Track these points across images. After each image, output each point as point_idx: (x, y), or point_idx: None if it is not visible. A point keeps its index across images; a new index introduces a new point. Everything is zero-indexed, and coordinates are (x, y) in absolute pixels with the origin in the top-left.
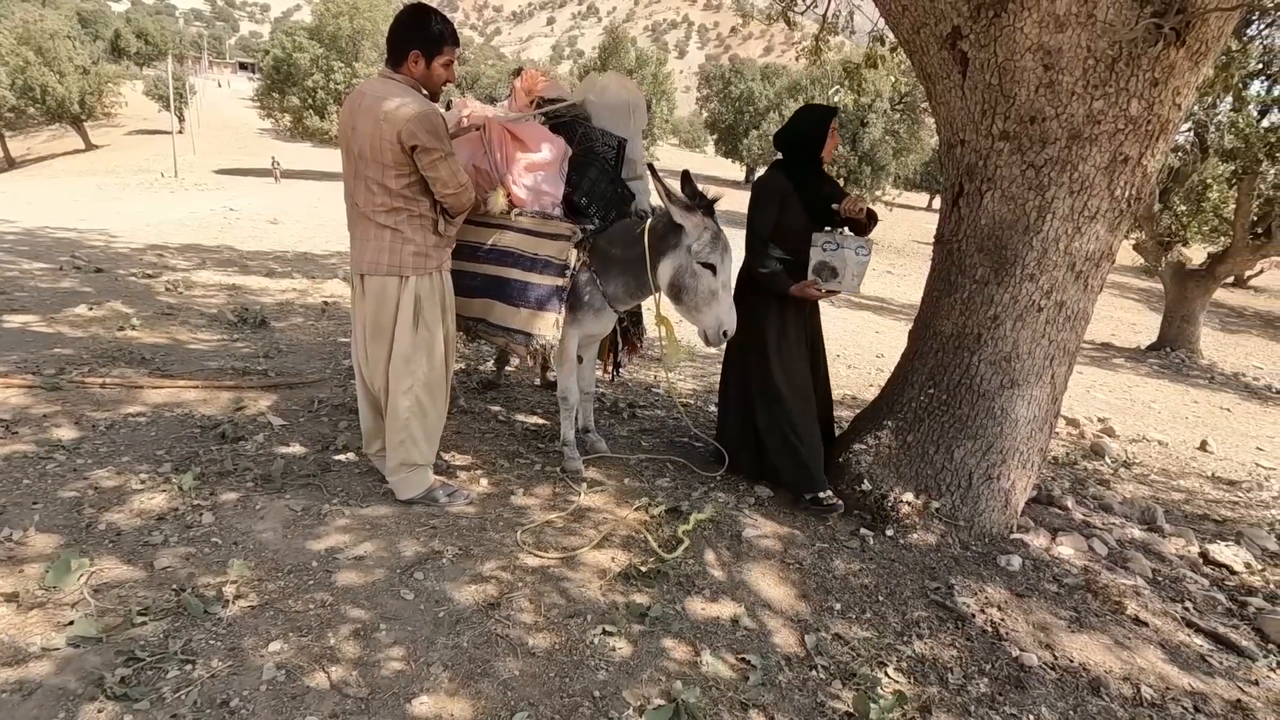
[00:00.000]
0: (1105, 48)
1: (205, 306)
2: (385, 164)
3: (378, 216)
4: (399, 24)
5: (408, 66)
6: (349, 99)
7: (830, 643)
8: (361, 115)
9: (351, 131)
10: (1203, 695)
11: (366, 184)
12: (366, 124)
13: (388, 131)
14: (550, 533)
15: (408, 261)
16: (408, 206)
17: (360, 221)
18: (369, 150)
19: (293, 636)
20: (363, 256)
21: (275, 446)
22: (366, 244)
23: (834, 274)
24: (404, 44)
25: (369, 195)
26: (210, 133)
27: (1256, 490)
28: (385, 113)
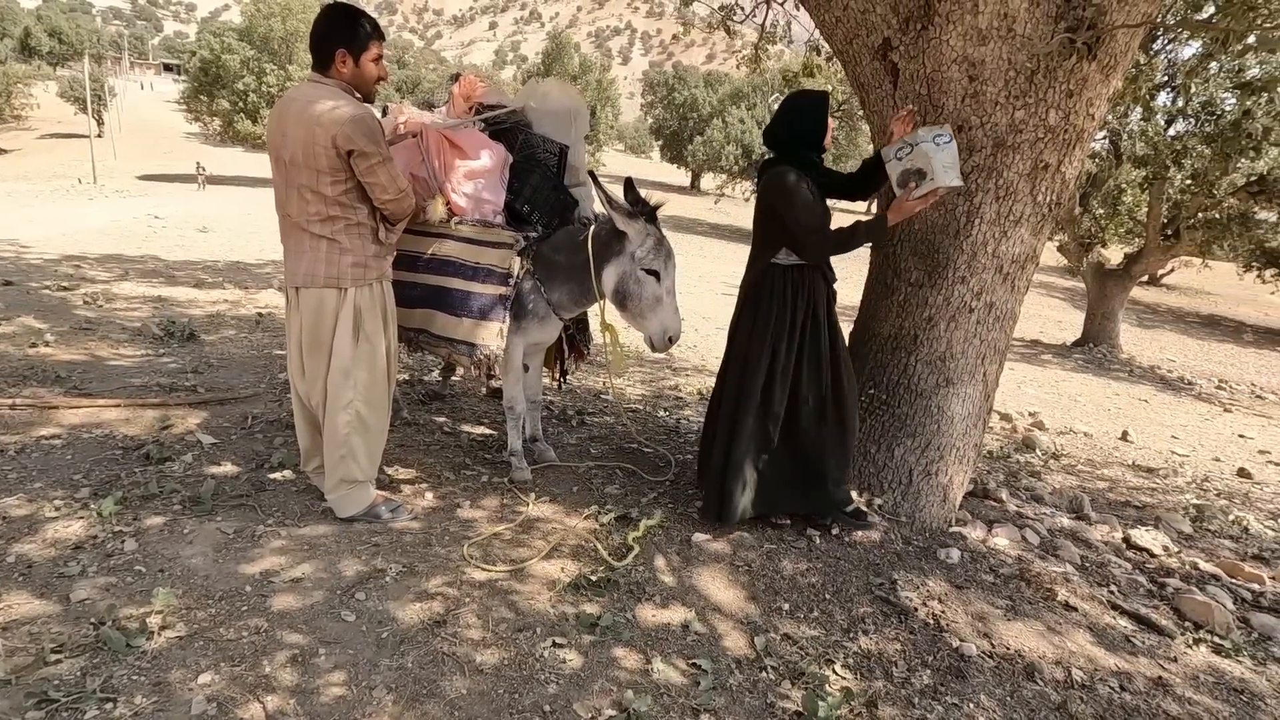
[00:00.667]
0: (1025, 61)
1: (128, 320)
2: (320, 170)
3: (313, 226)
4: (319, 26)
5: (335, 68)
6: (277, 106)
7: (779, 643)
8: (292, 122)
9: (282, 139)
10: (1127, 674)
11: (300, 192)
12: (298, 130)
13: (321, 136)
14: (498, 545)
15: (346, 272)
16: (344, 215)
17: (294, 232)
18: (302, 157)
19: (224, 666)
20: (298, 269)
21: (205, 466)
22: (301, 255)
23: (922, 176)
24: (328, 45)
25: (303, 204)
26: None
27: (1172, 476)
28: (318, 117)
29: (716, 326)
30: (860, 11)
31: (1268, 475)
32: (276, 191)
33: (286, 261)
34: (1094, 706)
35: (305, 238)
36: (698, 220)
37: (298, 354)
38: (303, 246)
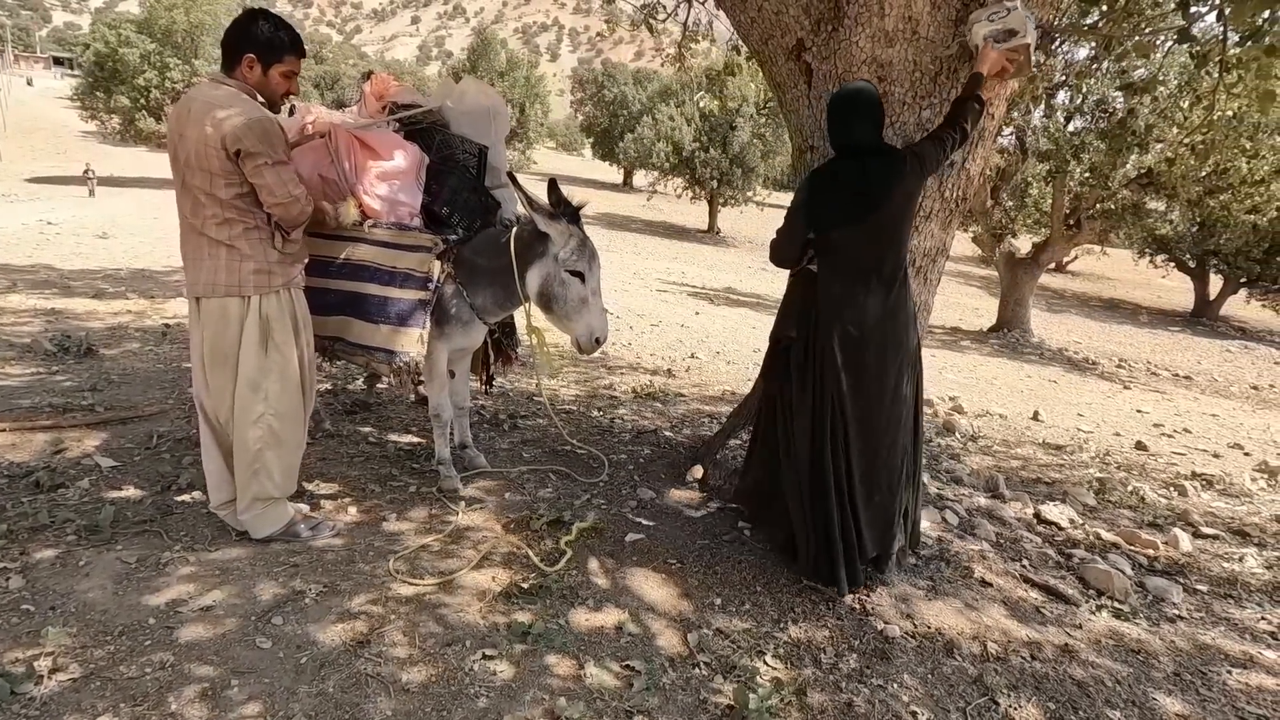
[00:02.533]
0: (928, 62)
1: (16, 335)
2: (212, 172)
3: (209, 230)
4: (235, 26)
5: (241, 71)
6: (176, 105)
7: (712, 638)
8: (190, 122)
9: (179, 139)
10: (1038, 644)
11: (195, 195)
12: (194, 130)
13: (213, 136)
14: (426, 558)
15: (248, 279)
16: (241, 219)
17: (192, 238)
18: (195, 158)
19: (124, 708)
20: (198, 277)
21: (104, 492)
22: (200, 263)
23: (1012, 34)
24: (238, 47)
25: (198, 207)
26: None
27: (1078, 452)
28: (213, 117)
29: (651, 323)
30: (774, 13)
31: (1161, 447)
32: (176, 195)
33: (186, 270)
34: (1007, 677)
35: (204, 243)
36: (631, 218)
37: (201, 369)
38: (201, 253)
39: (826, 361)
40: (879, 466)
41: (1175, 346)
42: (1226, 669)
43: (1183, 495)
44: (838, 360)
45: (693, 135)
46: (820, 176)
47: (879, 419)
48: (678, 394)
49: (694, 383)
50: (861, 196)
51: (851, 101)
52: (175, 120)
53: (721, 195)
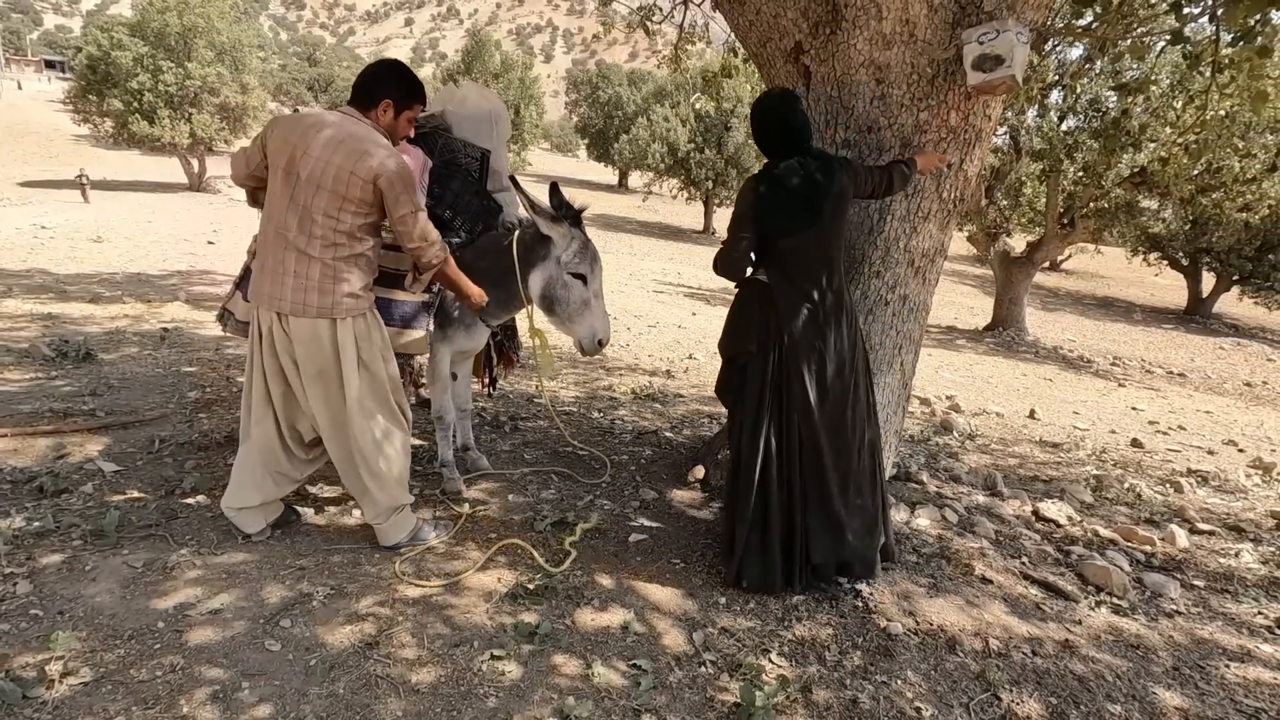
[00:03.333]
0: (926, 65)
1: (13, 340)
2: (347, 198)
3: (312, 249)
4: (379, 71)
5: (377, 113)
6: (297, 120)
7: (717, 637)
8: (322, 143)
9: (302, 155)
10: (1039, 640)
11: (308, 213)
12: (332, 154)
13: (363, 170)
14: (431, 559)
15: (341, 303)
16: (350, 245)
17: (284, 252)
18: (330, 181)
19: (136, 711)
20: (282, 292)
21: (108, 496)
22: (286, 278)
23: (999, 62)
24: (379, 90)
25: (306, 224)
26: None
27: (1074, 450)
28: (364, 150)
29: (648, 325)
30: (772, 16)
31: (1156, 444)
32: (273, 205)
33: (263, 281)
34: (1009, 673)
35: (298, 260)
36: (626, 218)
37: (280, 380)
38: (288, 267)
39: (792, 374)
40: (858, 469)
41: (1169, 344)
42: (1224, 663)
43: (1179, 492)
44: (804, 372)
45: (688, 136)
46: (763, 181)
47: (847, 424)
48: (677, 395)
49: (692, 383)
50: (808, 201)
51: (789, 104)
52: (296, 135)
53: (717, 196)
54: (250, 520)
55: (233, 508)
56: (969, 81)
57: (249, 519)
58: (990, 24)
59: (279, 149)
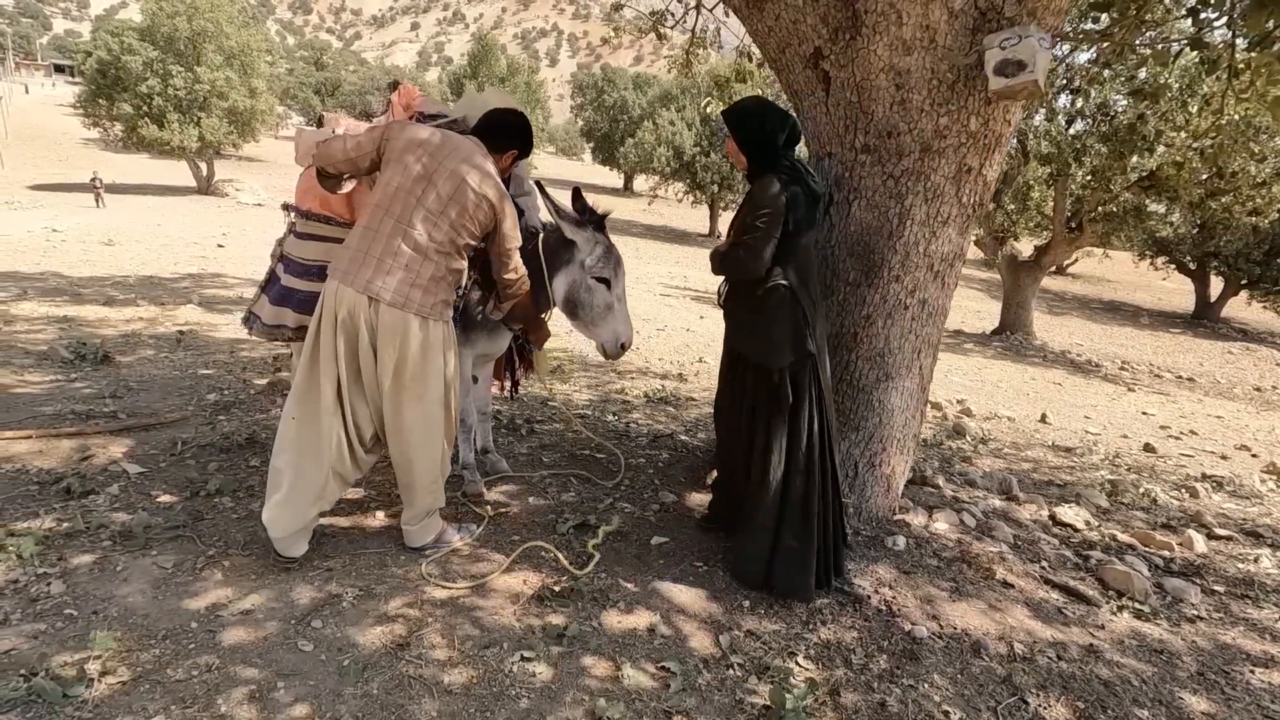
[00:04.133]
0: (946, 70)
1: (31, 343)
2: (470, 217)
3: (431, 250)
4: (514, 122)
5: (501, 159)
6: (440, 135)
7: (743, 640)
8: (462, 162)
9: (437, 165)
10: (1063, 644)
11: (435, 218)
12: (468, 174)
13: (490, 199)
14: (456, 561)
15: (436, 307)
16: (458, 258)
17: (398, 243)
18: (465, 199)
19: (175, 710)
20: (386, 281)
21: (134, 498)
22: (395, 269)
23: (1021, 67)
24: (510, 140)
25: (431, 228)
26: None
27: (1087, 454)
28: (494, 185)
29: (657, 328)
30: (791, 22)
31: (1169, 449)
32: (397, 197)
33: (362, 267)
34: (1035, 677)
35: (413, 257)
36: (632, 222)
37: (354, 371)
38: (401, 260)
39: (819, 379)
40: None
41: (1177, 348)
42: (1249, 668)
43: (1194, 497)
44: (820, 375)
45: (693, 139)
46: (784, 177)
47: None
48: (689, 398)
49: (704, 387)
50: (813, 197)
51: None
52: (437, 147)
53: (723, 199)
54: (298, 543)
55: (288, 530)
56: (990, 87)
57: (297, 542)
58: (1011, 29)
59: (412, 152)
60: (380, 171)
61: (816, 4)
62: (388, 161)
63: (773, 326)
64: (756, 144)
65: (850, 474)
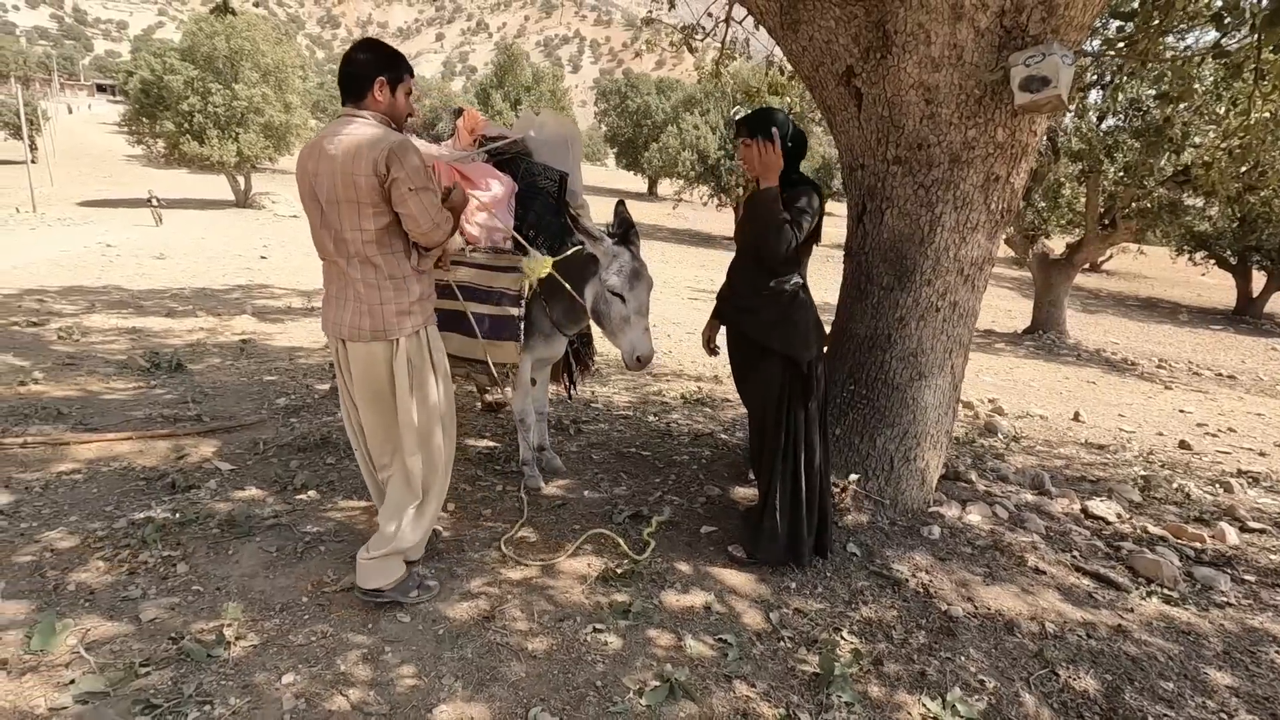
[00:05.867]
0: (974, 86)
1: (109, 353)
2: (361, 203)
3: (353, 269)
4: (359, 56)
5: (373, 97)
6: (308, 147)
7: (791, 616)
8: (326, 157)
9: (314, 178)
10: (1092, 624)
11: (339, 234)
12: (334, 164)
13: (363, 165)
14: (525, 547)
15: (392, 322)
16: (384, 254)
17: (337, 278)
18: (341, 191)
19: (302, 668)
20: (341, 318)
21: (231, 491)
22: (345, 304)
23: (1045, 83)
24: (367, 73)
25: (341, 245)
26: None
27: (1121, 451)
28: (359, 146)
29: (687, 331)
30: (824, 42)
31: (1205, 446)
32: (314, 235)
33: (327, 308)
34: (1065, 652)
35: (347, 284)
36: (657, 226)
37: (352, 409)
38: (345, 294)
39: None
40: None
41: (1217, 345)
42: (1276, 649)
43: (1229, 491)
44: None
45: (717, 143)
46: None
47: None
48: (725, 399)
49: None
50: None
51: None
52: (311, 160)
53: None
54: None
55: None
56: (1016, 101)
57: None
58: (1036, 47)
59: (301, 181)
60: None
61: (849, 25)
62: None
63: (802, 319)
64: (799, 152)
65: (886, 468)
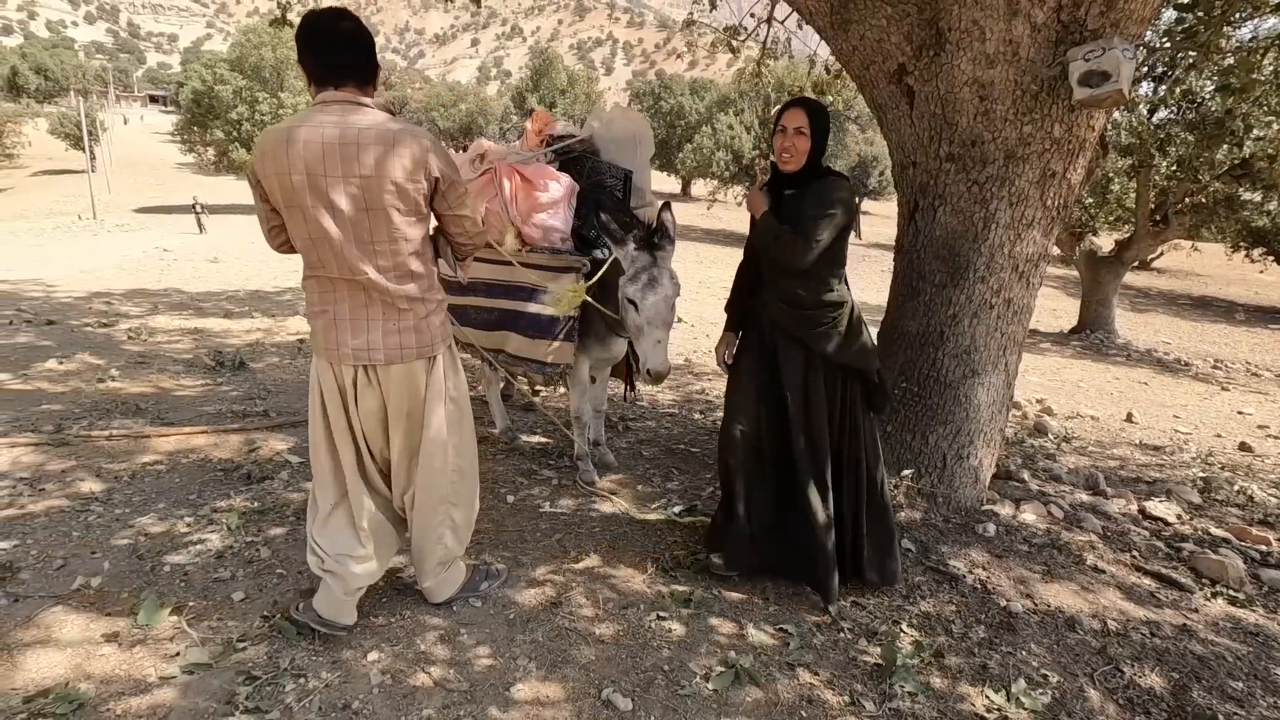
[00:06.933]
0: (1030, 82)
1: (176, 352)
2: (405, 209)
3: (392, 283)
4: (351, 26)
5: (376, 86)
6: (292, 142)
7: (850, 609)
8: (338, 158)
9: (322, 181)
10: (1156, 623)
11: (367, 245)
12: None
13: (401, 167)
14: (586, 538)
15: (437, 334)
16: (424, 263)
17: (350, 297)
18: (377, 196)
19: (386, 646)
20: (371, 343)
21: (301, 482)
22: (373, 324)
23: (1105, 78)
24: (372, 59)
25: (369, 258)
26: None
27: (1178, 453)
28: (394, 143)
29: None
30: (876, 40)
31: (1268, 448)
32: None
33: (333, 333)
34: (1129, 649)
35: (369, 303)
36: (691, 226)
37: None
38: (367, 314)
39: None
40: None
41: (1277, 345)
42: None
43: None
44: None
45: (752, 143)
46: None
47: None
48: None
49: None
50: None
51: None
52: (315, 160)
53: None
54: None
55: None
56: (1075, 97)
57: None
58: (1095, 42)
59: (292, 184)
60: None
61: (900, 24)
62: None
63: (862, 334)
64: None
65: (939, 465)
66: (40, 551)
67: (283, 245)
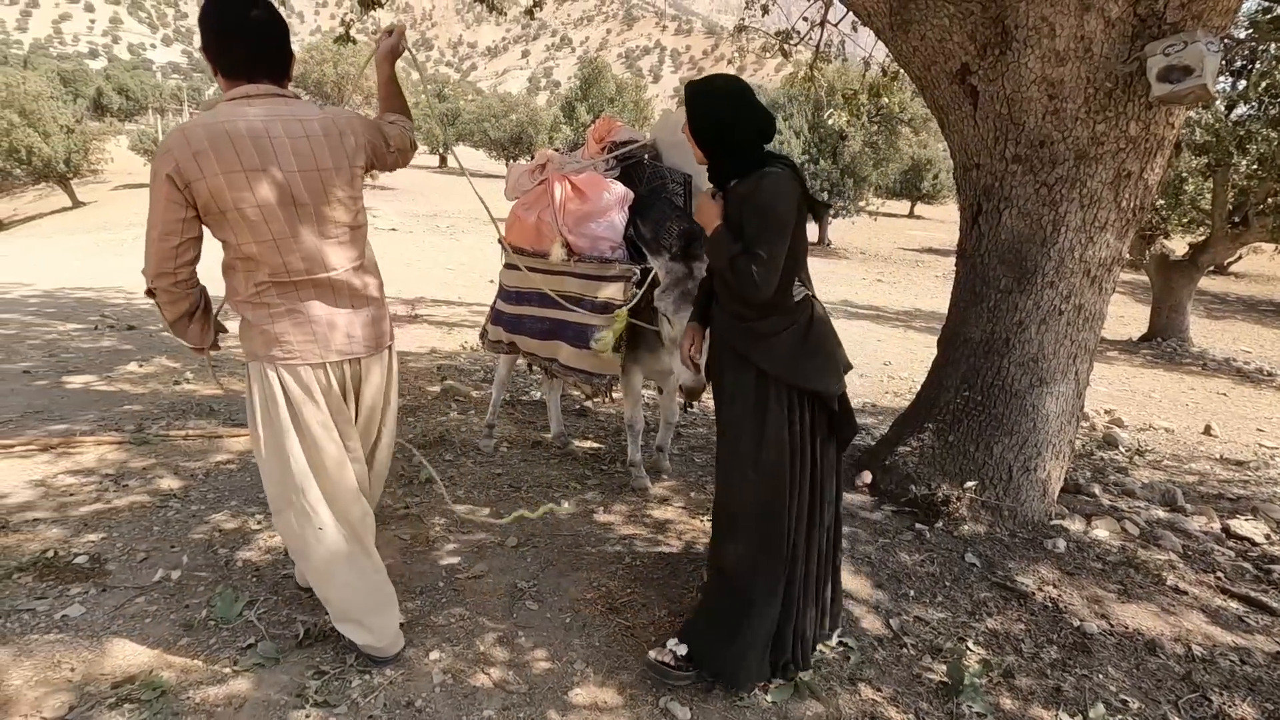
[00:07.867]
0: (1104, 79)
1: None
2: (356, 196)
3: (353, 275)
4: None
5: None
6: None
7: (912, 624)
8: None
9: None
10: (1246, 650)
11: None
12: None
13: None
14: (639, 543)
15: (390, 323)
16: (368, 249)
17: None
18: (331, 189)
19: (446, 646)
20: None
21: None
22: (351, 319)
23: (1188, 73)
24: (289, 48)
25: (337, 251)
26: None
27: (1264, 469)
28: (336, 131)
29: None
30: (937, 40)
31: None
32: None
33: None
34: (1217, 677)
35: (342, 295)
36: None
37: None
38: (342, 306)
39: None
40: None
41: None
42: None
43: None
44: None
45: (801, 147)
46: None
47: None
48: None
49: None
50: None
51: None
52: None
53: (832, 206)
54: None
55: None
56: (1154, 93)
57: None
58: (1176, 36)
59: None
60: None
61: (964, 22)
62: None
63: (829, 344)
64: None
65: (1004, 477)
66: (125, 545)
67: (184, 265)
